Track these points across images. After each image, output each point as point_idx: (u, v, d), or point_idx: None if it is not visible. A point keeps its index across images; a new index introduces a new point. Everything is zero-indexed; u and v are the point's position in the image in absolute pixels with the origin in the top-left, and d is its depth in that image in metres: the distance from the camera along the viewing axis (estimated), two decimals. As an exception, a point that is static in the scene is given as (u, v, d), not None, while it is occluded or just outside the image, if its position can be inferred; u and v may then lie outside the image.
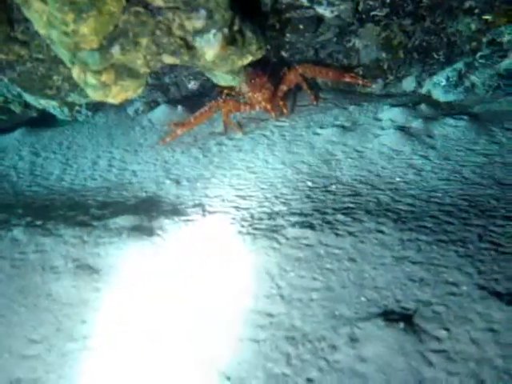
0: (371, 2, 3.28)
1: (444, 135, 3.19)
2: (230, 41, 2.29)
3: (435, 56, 3.60)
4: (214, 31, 2.20)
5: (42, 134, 4.26)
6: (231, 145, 3.68)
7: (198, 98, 4.58)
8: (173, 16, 2.18)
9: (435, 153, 3.05)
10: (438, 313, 1.83)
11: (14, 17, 2.58)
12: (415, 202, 2.58)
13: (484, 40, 3.39)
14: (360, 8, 3.38)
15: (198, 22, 2.14)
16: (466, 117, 3.30)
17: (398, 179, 2.89)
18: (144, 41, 2.19)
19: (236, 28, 2.31)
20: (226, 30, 2.22)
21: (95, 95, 2.28)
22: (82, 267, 2.33)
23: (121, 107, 4.63)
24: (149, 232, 2.51)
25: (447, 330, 1.75)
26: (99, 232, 2.59)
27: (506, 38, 3.33)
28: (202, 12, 2.14)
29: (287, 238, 2.36)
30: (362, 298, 1.97)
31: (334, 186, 2.90)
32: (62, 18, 1.98)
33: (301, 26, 3.28)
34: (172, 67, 3.78)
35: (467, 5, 3.21)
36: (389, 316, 1.83)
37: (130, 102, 4.55)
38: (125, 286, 2.18)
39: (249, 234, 2.43)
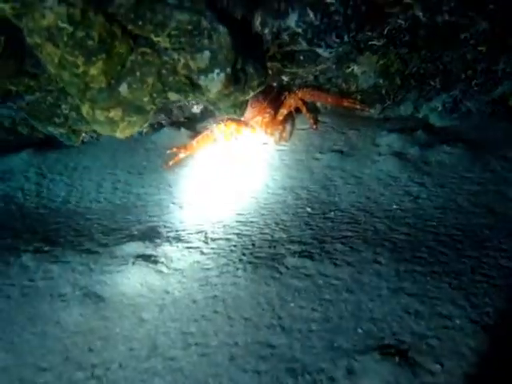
0: (369, 33, 3.37)
1: (440, 162, 3.27)
2: (233, 79, 2.37)
3: (431, 83, 3.69)
4: (217, 71, 2.29)
5: (48, 156, 4.32)
6: (232, 169, 3.74)
7: (200, 120, 4.66)
8: (178, 56, 2.26)
9: (431, 180, 3.12)
10: (432, 346, 1.90)
11: (24, 50, 2.66)
12: (411, 231, 2.66)
13: (479, 68, 3.47)
14: (358, 38, 3.45)
15: (202, 63, 2.23)
16: (461, 144, 3.38)
17: (394, 206, 2.96)
18: (150, 79, 2.28)
19: (239, 67, 2.40)
20: (228, 70, 2.31)
21: (103, 130, 2.37)
22: (89, 295, 2.40)
23: (125, 128, 4.67)
24: (154, 260, 2.58)
25: (441, 364, 1.82)
26: (105, 259, 2.66)
27: (500, 67, 3.41)
28: (206, 53, 2.24)
29: (287, 268, 2.43)
30: (359, 330, 2.04)
31: (332, 213, 2.98)
32: (73, 60, 2.07)
33: (301, 58, 3.37)
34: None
35: (462, 37, 3.29)
36: (385, 349, 1.89)
37: (133, 123, 4.60)
38: (130, 314, 2.25)
39: (250, 262, 2.50)
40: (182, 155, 3.90)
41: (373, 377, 1.80)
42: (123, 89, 2.22)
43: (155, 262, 2.53)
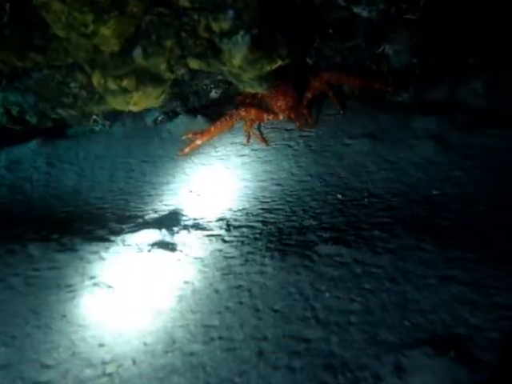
0: (404, 5, 3.14)
1: (485, 145, 3.04)
2: (260, 43, 2.17)
3: (471, 61, 3.44)
4: (242, 33, 2.09)
5: (57, 145, 4.17)
6: (254, 156, 3.56)
7: (218, 107, 4.46)
8: (198, 17, 2.07)
9: (476, 164, 2.90)
10: (491, 340, 1.68)
11: (32, 20, 2.49)
12: (457, 217, 2.44)
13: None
14: (392, 11, 3.24)
15: (226, 23, 2.03)
16: (507, 125, 3.13)
17: (435, 192, 2.75)
18: (168, 43, 2.08)
19: (266, 29, 2.19)
20: (255, 31, 2.11)
21: (115, 102, 2.18)
22: (99, 285, 2.21)
23: (139, 117, 4.52)
24: (171, 248, 2.38)
25: (503, 358, 1.59)
26: (117, 248, 2.47)
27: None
28: (230, 12, 2.04)
29: (320, 256, 2.22)
30: (406, 323, 1.83)
31: (366, 200, 2.77)
32: (82, 18, 1.88)
33: (330, 31, 3.16)
34: (193, 74, 3.66)
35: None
36: (437, 343, 1.67)
37: (147, 111, 4.44)
38: (145, 306, 2.06)
39: (278, 250, 2.30)
40: (198, 141, 3.71)
41: (425, 373, 1.57)
42: (137, 54, 2.04)
43: (173, 250, 2.33)
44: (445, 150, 3.08)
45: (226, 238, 2.48)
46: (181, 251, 2.37)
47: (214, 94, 3.95)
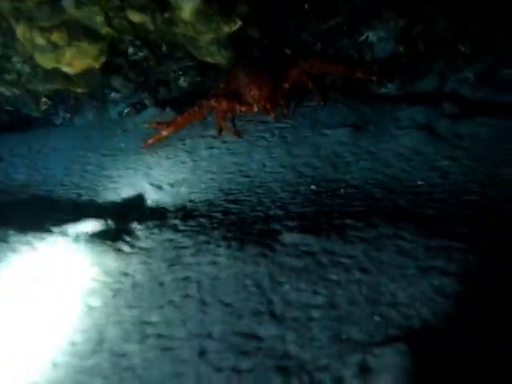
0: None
1: (475, 134, 2.83)
2: (215, -5, 1.93)
3: (461, 48, 3.23)
4: (193, -19, 1.85)
5: (9, 138, 3.92)
6: (224, 148, 3.32)
7: (190, 99, 4.22)
8: (141, -39, 1.83)
9: (465, 153, 2.68)
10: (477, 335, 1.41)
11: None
12: (443, 206, 2.20)
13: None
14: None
15: (174, -31, 1.78)
16: (500, 114, 2.91)
17: (419, 182, 2.51)
18: (104, -9, 1.84)
19: (222, -20, 1.95)
20: (208, -20, 1.86)
21: (45, 60, 1.93)
22: (26, 278, 1.94)
23: (104, 110, 4.28)
24: (113, 238, 2.12)
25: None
26: (54, 238, 2.20)
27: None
28: (179, -43, 1.80)
29: (283, 245, 1.97)
30: (377, 318, 1.56)
31: (342, 190, 2.53)
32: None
33: (306, 6, 2.93)
34: (158, 59, 3.43)
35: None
36: (414, 340, 1.41)
37: (113, 103, 4.21)
38: (75, 302, 1.79)
39: (236, 238, 2.04)
40: (164, 133, 3.47)
41: (396, 375, 1.31)
42: (68, 2, 1.78)
43: (114, 240, 2.06)
44: (432, 140, 2.85)
45: (180, 228, 2.23)
46: (125, 241, 2.10)
47: (183, 82, 3.71)
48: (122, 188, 3.07)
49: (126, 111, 4.12)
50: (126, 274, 1.96)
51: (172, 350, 1.60)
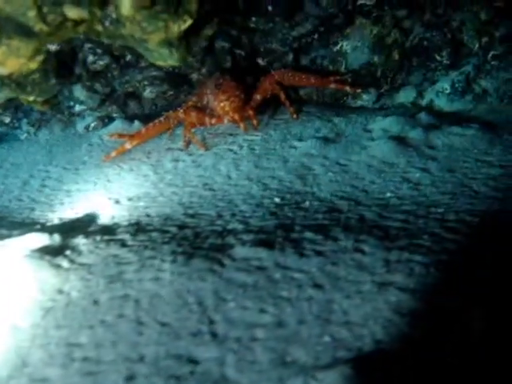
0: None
1: (448, 145, 2.72)
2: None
3: (438, 58, 3.13)
4: (131, -26, 1.72)
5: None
6: (189, 161, 3.21)
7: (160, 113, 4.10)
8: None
9: (437, 165, 2.57)
10: (434, 357, 1.27)
11: None
12: (410, 218, 2.07)
13: (497, 35, 2.93)
14: (345, -1, 2.93)
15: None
16: (475, 125, 2.81)
17: (388, 194, 2.39)
18: (35, -16, 1.72)
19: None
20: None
21: (-28, 60, 1.79)
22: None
23: (70, 123, 4.16)
24: (54, 253, 1.97)
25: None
26: (-9, 253, 2.05)
27: (523, 32, 2.87)
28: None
29: (234, 259, 1.83)
30: (326, 338, 1.42)
31: (307, 203, 2.40)
32: None
33: (269, 8, 2.83)
34: (122, 69, 3.31)
35: (475, -13, 2.77)
36: (362, 363, 1.26)
37: (80, 117, 4.09)
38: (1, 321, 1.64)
39: (184, 253, 1.90)
40: (127, 145, 3.35)
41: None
42: (-4, -5, 1.66)
43: (55, 255, 1.92)
44: (404, 151, 2.74)
45: (128, 243, 2.08)
46: (65, 256, 1.95)
47: (149, 93, 3.58)
48: (77, 202, 2.94)
49: (92, 125, 3.99)
50: (61, 292, 1.81)
51: (97, 374, 1.44)
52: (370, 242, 1.88)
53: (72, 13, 1.82)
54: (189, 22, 1.99)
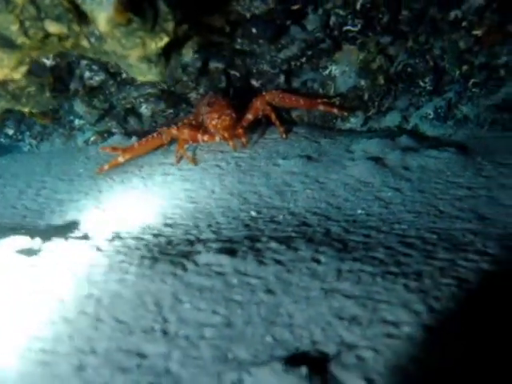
0: (341, 12, 2.95)
1: (423, 167, 2.79)
2: (133, 7, 1.93)
3: (421, 84, 3.23)
4: (106, -9, 1.84)
5: (-29, 163, 3.92)
6: (178, 175, 3.31)
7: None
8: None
9: (409, 185, 2.63)
10: (362, 359, 1.34)
11: None
12: (372, 233, 2.15)
13: (476, 63, 3.01)
14: (331, 22, 3.04)
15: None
16: (452, 149, 2.89)
17: (359, 211, 2.47)
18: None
19: (142, -6, 1.96)
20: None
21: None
22: None
23: (71, 137, 4.30)
24: (29, 253, 2.07)
25: (370, 381, 1.26)
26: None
27: (501, 61, 2.95)
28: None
29: (197, 264, 1.91)
30: (268, 338, 1.49)
31: (281, 217, 2.48)
32: None
33: (254, 30, 2.94)
34: (119, 86, 3.44)
35: (452, 15, 2.86)
36: (295, 360, 1.34)
37: (81, 131, 4.22)
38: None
39: (152, 258, 1.98)
40: (120, 159, 3.46)
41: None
42: (-18, 11, 1.78)
43: (29, 255, 2.02)
44: (380, 171, 2.82)
45: (103, 248, 2.17)
46: (41, 257, 2.04)
47: (145, 109, 3.70)
48: (68, 211, 3.03)
49: (92, 139, 4.11)
50: (31, 291, 1.89)
51: (50, 364, 1.52)
52: (328, 253, 1.94)
53: (52, 28, 1.93)
54: (165, 39, 2.10)
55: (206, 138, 3.52)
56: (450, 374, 1.30)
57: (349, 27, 3.07)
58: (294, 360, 1.37)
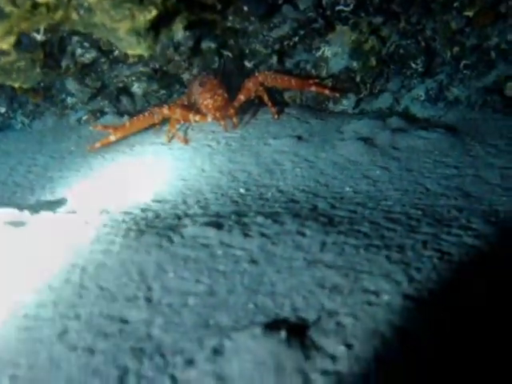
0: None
1: (412, 147, 2.79)
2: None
3: (413, 65, 3.22)
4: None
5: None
6: (169, 154, 3.30)
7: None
8: None
9: (397, 164, 2.64)
10: (342, 325, 1.36)
11: None
12: (358, 209, 2.16)
13: (467, 44, 3.01)
14: (324, 2, 3.03)
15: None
16: (441, 130, 2.89)
17: (347, 189, 2.48)
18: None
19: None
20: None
21: None
22: None
23: (63, 116, 4.28)
24: (16, 224, 2.07)
25: (348, 346, 1.27)
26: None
27: (492, 42, 2.95)
28: None
29: (182, 237, 1.91)
30: (250, 305, 1.51)
31: (269, 194, 2.49)
32: None
33: (245, 8, 2.93)
34: (112, 64, 3.43)
35: (444, -5, 2.85)
36: (274, 326, 1.35)
37: (73, 110, 4.20)
38: None
39: (138, 230, 1.99)
40: (112, 138, 3.45)
41: (244, 358, 1.25)
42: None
43: (17, 225, 2.02)
44: (369, 151, 2.83)
45: (91, 221, 2.17)
46: (29, 229, 2.05)
47: (137, 89, 3.69)
48: (57, 187, 3.04)
49: (84, 118, 4.10)
50: (16, 259, 1.90)
51: (34, 329, 1.53)
52: (313, 226, 1.95)
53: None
54: (154, 12, 2.10)
55: (197, 118, 3.51)
56: (425, 339, 1.32)
57: (341, 7, 3.06)
58: (274, 325, 1.38)
